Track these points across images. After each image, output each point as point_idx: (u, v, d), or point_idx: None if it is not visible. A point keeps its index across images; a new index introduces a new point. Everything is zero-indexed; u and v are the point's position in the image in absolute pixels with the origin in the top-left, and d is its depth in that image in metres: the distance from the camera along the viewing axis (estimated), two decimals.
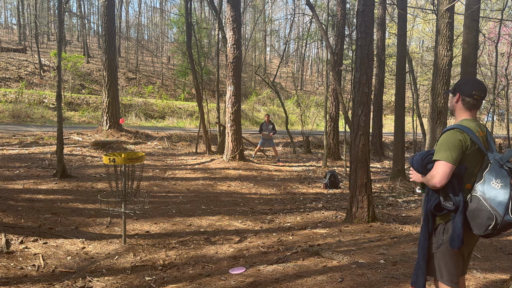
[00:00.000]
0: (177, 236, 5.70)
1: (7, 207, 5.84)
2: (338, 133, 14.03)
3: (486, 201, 2.09)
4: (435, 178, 2.20)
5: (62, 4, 8.84)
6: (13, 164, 9.10)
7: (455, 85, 2.40)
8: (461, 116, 2.38)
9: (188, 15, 13.26)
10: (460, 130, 2.23)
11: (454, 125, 2.30)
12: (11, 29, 42.53)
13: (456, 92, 2.38)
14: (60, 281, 4.01)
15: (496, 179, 2.10)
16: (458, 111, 2.39)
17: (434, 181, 2.20)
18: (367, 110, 6.34)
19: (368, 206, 6.33)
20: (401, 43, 11.36)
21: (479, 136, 2.26)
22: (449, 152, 2.19)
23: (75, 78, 26.28)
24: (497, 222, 2.06)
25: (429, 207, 2.30)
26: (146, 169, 9.84)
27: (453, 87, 2.43)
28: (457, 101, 2.38)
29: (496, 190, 2.08)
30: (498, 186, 2.08)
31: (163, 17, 43.80)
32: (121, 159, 4.86)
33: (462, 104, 2.36)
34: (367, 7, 6.25)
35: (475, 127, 2.28)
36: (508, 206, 2.04)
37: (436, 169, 2.21)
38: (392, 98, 29.73)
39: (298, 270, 4.10)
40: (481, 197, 2.12)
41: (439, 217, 2.32)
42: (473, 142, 2.22)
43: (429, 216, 2.32)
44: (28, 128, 14.71)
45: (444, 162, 2.19)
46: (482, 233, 2.14)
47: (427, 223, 2.33)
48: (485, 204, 2.10)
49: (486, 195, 2.10)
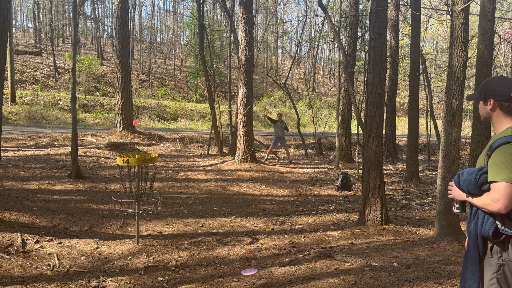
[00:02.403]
0: (189, 237, 5.72)
1: (23, 207, 5.93)
2: (350, 135, 13.95)
3: None
4: (499, 203, 1.86)
5: (77, 8, 8.97)
6: (28, 165, 9.26)
7: (485, 90, 2.07)
8: (504, 124, 2.03)
9: (201, 18, 13.34)
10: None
11: (508, 138, 1.93)
12: (27, 32, 43.29)
13: (488, 97, 2.05)
14: (75, 280, 4.06)
15: None
16: (497, 119, 2.06)
17: (498, 206, 1.87)
18: (380, 112, 6.29)
19: (381, 208, 6.28)
20: (415, 44, 11.26)
21: None
22: (510, 171, 1.86)
23: (89, 80, 26.64)
24: None
25: (484, 232, 1.97)
26: (158, 170, 9.91)
27: (482, 92, 2.08)
28: (492, 109, 2.05)
29: None
30: None
31: (175, 20, 44.14)
32: (135, 160, 4.91)
33: (500, 110, 2.03)
34: (380, 8, 6.21)
35: None
36: None
37: (499, 192, 1.86)
38: (405, 100, 29.46)
39: (310, 272, 4.08)
40: None
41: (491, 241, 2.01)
42: None
43: (479, 241, 2.01)
44: (43, 130, 14.95)
45: (507, 184, 1.85)
46: None
47: (476, 247, 2.01)
48: None
49: None
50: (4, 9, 6.20)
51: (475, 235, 2.02)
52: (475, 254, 2.02)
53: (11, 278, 3.96)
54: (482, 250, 2.01)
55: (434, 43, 37.34)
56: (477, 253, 2.01)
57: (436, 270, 3.94)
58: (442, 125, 5.47)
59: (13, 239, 4.72)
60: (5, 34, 6.27)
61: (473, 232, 2.03)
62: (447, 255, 4.58)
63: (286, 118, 26.06)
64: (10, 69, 19.22)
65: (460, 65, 5.24)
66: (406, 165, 11.50)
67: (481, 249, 2.01)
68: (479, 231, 2.00)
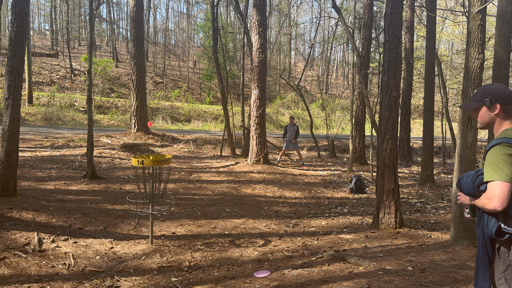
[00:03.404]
0: (202, 238, 5.75)
1: (39, 207, 6.04)
2: (364, 137, 13.84)
3: None
4: (494, 201, 1.97)
5: (93, 11, 9.11)
6: (45, 165, 9.42)
7: (490, 96, 2.17)
8: (502, 127, 2.16)
9: (215, 20, 13.41)
10: (508, 143, 2.02)
11: (499, 139, 2.06)
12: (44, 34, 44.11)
13: (494, 103, 2.15)
14: (89, 280, 4.12)
15: None
16: (498, 123, 2.18)
17: (493, 204, 1.98)
18: (395, 114, 6.24)
19: (395, 211, 6.22)
20: (430, 46, 11.13)
21: None
22: (502, 171, 1.97)
23: (105, 82, 26.99)
24: None
25: (488, 232, 2.06)
26: (172, 171, 9.98)
27: (487, 99, 2.18)
28: (497, 113, 2.16)
29: None
30: None
31: (189, 22, 44.47)
32: (149, 161, 4.95)
33: (503, 113, 2.15)
34: (395, 9, 6.17)
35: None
36: None
37: (492, 191, 1.98)
38: (420, 102, 29.13)
39: (323, 275, 4.06)
40: None
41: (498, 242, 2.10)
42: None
43: (487, 242, 2.09)
44: (59, 131, 15.19)
45: (500, 182, 1.96)
46: None
47: (485, 249, 2.09)
48: None
49: None
50: (23, 13, 6.33)
51: (483, 237, 2.09)
52: (484, 256, 2.09)
53: (28, 276, 4.03)
54: (491, 252, 2.08)
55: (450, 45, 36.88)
56: (486, 254, 2.08)
57: (452, 275, 3.88)
58: (458, 127, 5.40)
59: (30, 238, 4.81)
60: (24, 37, 6.41)
61: (481, 234, 2.11)
62: (463, 260, 4.51)
63: (298, 120, 26.01)
64: (28, 71, 19.60)
65: (477, 67, 5.17)
66: (421, 168, 11.36)
67: (490, 251, 2.08)
68: (485, 232, 2.08)
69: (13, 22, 6.29)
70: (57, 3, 38.29)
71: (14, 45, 6.26)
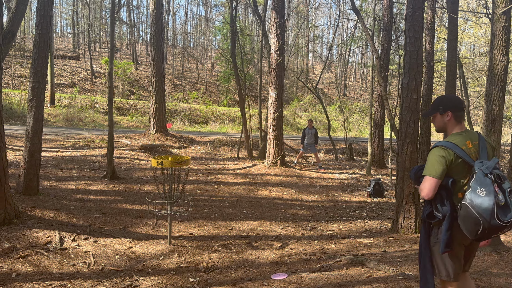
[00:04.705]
0: (219, 239, 5.76)
1: (60, 206, 6.16)
2: (383, 140, 13.67)
3: (474, 208, 2.28)
4: (423, 192, 2.49)
5: (114, 14, 9.26)
6: (66, 165, 9.61)
7: (442, 105, 2.60)
8: (452, 131, 2.59)
9: (233, 23, 13.47)
10: (444, 147, 2.45)
11: (439, 142, 2.51)
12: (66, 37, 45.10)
13: (446, 110, 2.58)
14: (109, 278, 4.17)
15: (480, 188, 2.29)
16: (450, 128, 2.61)
17: (422, 194, 2.50)
18: (416, 117, 6.14)
19: (415, 216, 6.12)
20: (452, 48, 10.92)
21: (466, 149, 2.46)
22: (433, 168, 2.45)
23: (124, 84, 27.39)
24: (484, 227, 2.25)
25: (423, 216, 2.59)
26: (190, 172, 10.05)
27: (440, 107, 2.61)
28: (449, 119, 2.59)
29: (481, 198, 2.27)
30: (483, 194, 2.27)
31: (208, 25, 44.80)
32: (169, 162, 5.00)
33: (454, 120, 2.58)
34: (416, 11, 6.08)
35: (462, 140, 2.48)
36: (493, 211, 2.23)
37: (424, 183, 2.49)
38: None
39: (341, 279, 4.02)
40: (469, 204, 2.30)
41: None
42: (457, 156, 2.43)
43: (425, 223, 2.59)
44: (80, 132, 15.48)
45: (429, 177, 2.46)
46: (473, 237, 2.34)
47: (425, 227, 2.59)
48: (472, 211, 2.28)
49: (473, 202, 2.29)
50: (47, 16, 6.49)
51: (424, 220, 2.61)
52: (424, 233, 2.61)
53: (49, 274, 4.11)
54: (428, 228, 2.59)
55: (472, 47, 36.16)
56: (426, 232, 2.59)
57: (474, 281, 3.79)
58: (480, 131, 5.28)
59: (52, 236, 4.91)
60: (48, 39, 6.56)
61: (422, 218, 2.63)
62: (485, 266, 4.41)
63: (316, 122, 25.87)
64: (50, 73, 20.05)
65: (501, 70, 5.05)
66: None
67: (427, 228, 2.59)
68: (422, 215, 2.63)
69: (37, 25, 6.45)
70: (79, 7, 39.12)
71: (39, 47, 6.41)
